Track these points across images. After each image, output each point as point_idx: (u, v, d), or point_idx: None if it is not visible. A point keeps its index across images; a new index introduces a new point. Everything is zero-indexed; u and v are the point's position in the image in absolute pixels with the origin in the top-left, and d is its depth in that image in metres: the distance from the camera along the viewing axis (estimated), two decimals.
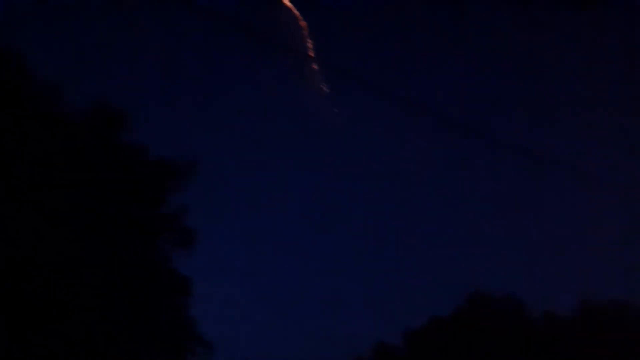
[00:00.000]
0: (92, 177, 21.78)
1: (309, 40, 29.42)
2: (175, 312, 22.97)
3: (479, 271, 39.98)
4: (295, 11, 29.10)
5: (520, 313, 35.79)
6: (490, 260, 40.74)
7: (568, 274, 37.33)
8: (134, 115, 23.56)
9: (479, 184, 42.21)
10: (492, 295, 36.27)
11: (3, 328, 18.98)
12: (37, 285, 19.47)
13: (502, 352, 33.92)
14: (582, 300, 34.82)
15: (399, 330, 36.44)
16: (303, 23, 29.22)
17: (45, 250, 20.05)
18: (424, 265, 41.11)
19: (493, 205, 42.42)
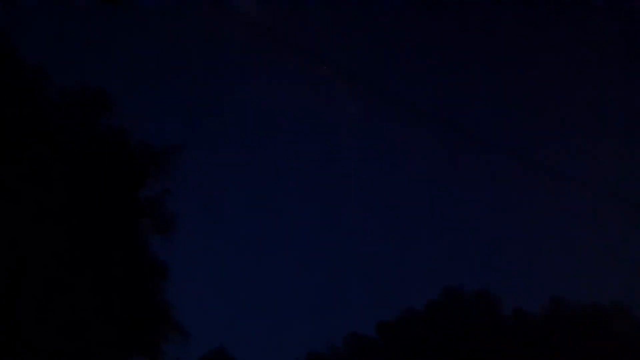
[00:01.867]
0: (72, 158, 21.71)
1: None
2: (151, 296, 22.99)
3: (453, 266, 40.63)
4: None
5: (492, 308, 36.39)
6: (464, 256, 41.37)
7: (541, 271, 38.03)
8: (125, 99, 23.45)
9: (458, 182, 42.74)
10: (465, 290, 36.85)
11: None
12: (14, 264, 19.45)
13: (472, 345, 34.49)
14: (551, 298, 35.55)
15: (373, 321, 36.92)
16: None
17: (23, 229, 20.00)
18: (399, 258, 41.60)
19: (471, 203, 43.01)
